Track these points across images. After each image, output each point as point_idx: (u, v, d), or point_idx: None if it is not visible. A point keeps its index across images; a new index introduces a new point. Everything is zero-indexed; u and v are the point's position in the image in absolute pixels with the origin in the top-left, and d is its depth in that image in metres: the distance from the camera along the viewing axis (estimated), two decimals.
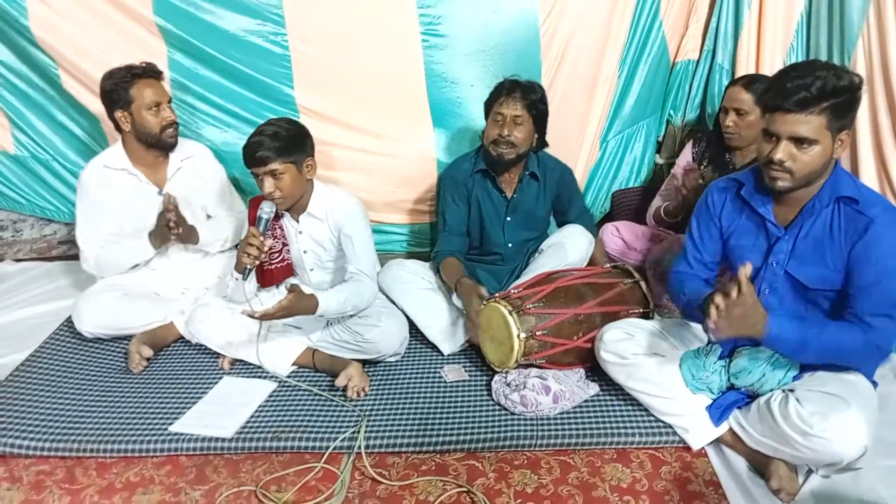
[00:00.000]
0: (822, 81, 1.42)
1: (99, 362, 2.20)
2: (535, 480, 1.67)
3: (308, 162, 2.01)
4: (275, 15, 2.45)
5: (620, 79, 2.76)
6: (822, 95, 1.43)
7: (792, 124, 1.47)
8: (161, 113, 2.22)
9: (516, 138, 2.17)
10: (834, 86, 1.43)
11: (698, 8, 2.74)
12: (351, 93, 2.56)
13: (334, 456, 1.77)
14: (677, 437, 1.77)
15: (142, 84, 2.18)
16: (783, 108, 1.47)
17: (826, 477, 1.60)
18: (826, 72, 1.44)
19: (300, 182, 2.01)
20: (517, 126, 2.16)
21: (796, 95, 1.44)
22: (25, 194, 2.94)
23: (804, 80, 1.44)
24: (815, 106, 1.44)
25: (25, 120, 2.76)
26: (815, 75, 1.43)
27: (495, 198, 2.33)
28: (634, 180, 2.96)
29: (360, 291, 2.03)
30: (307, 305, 1.90)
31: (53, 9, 2.46)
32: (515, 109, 2.15)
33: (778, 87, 1.48)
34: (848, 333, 1.54)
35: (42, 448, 1.80)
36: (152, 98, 2.19)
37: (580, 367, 2.01)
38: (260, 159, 1.92)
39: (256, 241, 1.93)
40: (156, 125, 2.21)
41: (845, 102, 1.45)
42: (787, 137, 1.48)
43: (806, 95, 1.43)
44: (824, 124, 1.46)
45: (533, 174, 2.32)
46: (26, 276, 2.84)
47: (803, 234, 1.60)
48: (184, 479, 1.72)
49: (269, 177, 1.94)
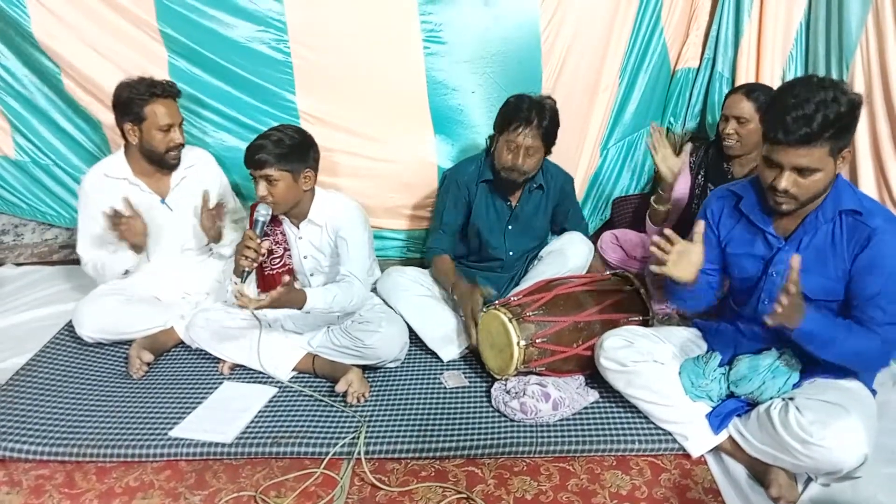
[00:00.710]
0: (824, 115, 1.39)
1: (99, 367, 2.20)
2: (535, 487, 1.67)
3: (306, 173, 2.02)
4: (277, 21, 2.46)
5: (621, 86, 2.77)
6: (824, 129, 1.40)
7: (795, 157, 1.45)
8: (170, 134, 2.21)
9: (529, 167, 2.17)
10: (836, 114, 1.40)
11: (699, 16, 2.76)
12: (352, 99, 2.57)
13: (334, 461, 1.77)
14: (677, 444, 1.77)
15: (158, 103, 2.17)
16: (785, 143, 1.44)
17: (826, 485, 1.60)
18: (826, 96, 1.40)
19: (294, 191, 2.01)
20: (530, 157, 2.14)
21: (799, 132, 1.41)
22: (26, 199, 2.95)
23: (805, 110, 1.40)
24: (817, 140, 1.42)
25: (27, 124, 2.76)
26: (816, 105, 1.39)
27: (499, 207, 2.33)
28: (635, 188, 2.97)
29: (349, 294, 2.03)
30: (295, 298, 1.91)
31: (55, 14, 2.46)
32: (529, 139, 2.11)
33: (778, 119, 1.44)
34: (869, 340, 1.54)
35: (42, 452, 1.80)
36: (166, 120, 2.18)
37: (580, 374, 2.01)
38: (257, 162, 1.94)
39: (253, 244, 1.94)
40: (162, 146, 2.21)
41: (845, 125, 1.43)
42: (791, 168, 1.48)
43: (808, 132, 1.41)
44: (826, 153, 1.44)
45: (539, 186, 2.32)
46: (27, 280, 2.84)
47: (804, 245, 1.61)
48: (183, 484, 1.72)
49: (264, 181, 1.96)
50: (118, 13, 2.47)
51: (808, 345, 1.56)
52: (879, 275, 1.52)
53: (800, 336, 1.54)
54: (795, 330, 1.51)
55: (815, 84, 1.44)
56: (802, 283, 1.60)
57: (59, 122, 2.76)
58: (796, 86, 1.46)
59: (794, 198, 1.52)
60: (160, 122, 2.18)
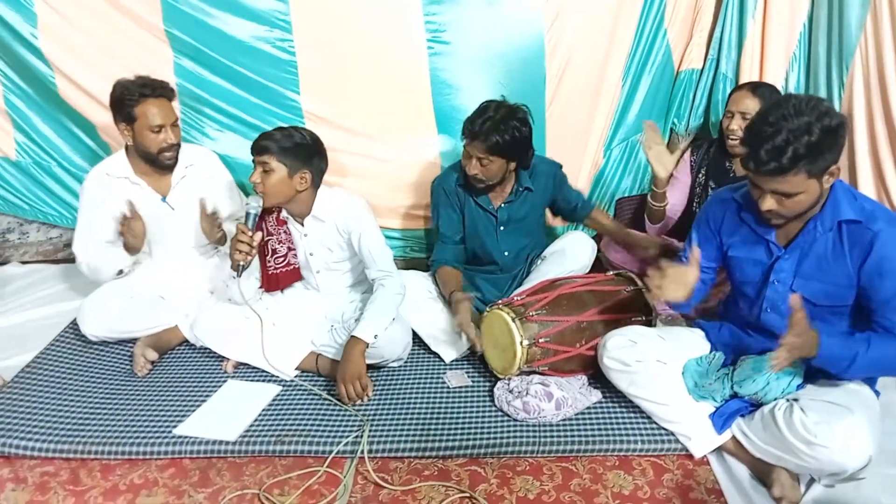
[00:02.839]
0: (794, 148, 1.38)
1: (104, 365, 2.21)
2: (538, 487, 1.67)
3: (303, 174, 2.02)
4: (282, 21, 2.47)
5: (625, 87, 2.77)
6: (794, 161, 1.40)
7: (772, 184, 1.46)
8: (161, 135, 2.19)
9: (484, 175, 2.14)
10: (807, 145, 1.38)
11: (702, 17, 2.75)
12: (356, 99, 2.58)
13: (337, 460, 1.78)
14: (679, 444, 1.77)
15: (149, 103, 2.15)
16: (759, 174, 1.45)
17: (829, 486, 1.60)
18: (798, 123, 1.38)
19: (286, 187, 2.01)
20: (484, 167, 2.12)
21: (769, 166, 1.41)
22: (28, 199, 2.95)
23: (775, 142, 1.39)
24: (788, 171, 1.41)
25: (29, 125, 2.77)
26: (787, 136, 1.38)
27: (483, 212, 2.32)
28: (638, 188, 2.97)
29: (390, 293, 2.07)
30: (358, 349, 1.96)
31: (62, 15, 2.48)
32: (479, 152, 2.09)
33: (752, 150, 1.44)
34: (892, 346, 1.54)
35: (47, 449, 1.81)
36: (157, 121, 2.16)
37: (583, 374, 2.02)
38: (259, 147, 1.98)
39: (245, 237, 1.96)
40: (154, 146, 2.19)
41: (823, 150, 1.41)
42: (770, 192, 1.49)
43: (777, 166, 1.41)
44: (804, 178, 1.43)
45: (527, 188, 2.29)
46: (32, 278, 2.86)
47: (804, 252, 1.61)
48: (187, 481, 1.73)
49: (260, 167, 1.98)
50: (124, 14, 2.48)
51: (833, 368, 1.56)
52: (890, 277, 1.52)
53: (820, 363, 1.54)
54: (814, 359, 1.52)
55: (793, 109, 1.40)
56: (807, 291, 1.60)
57: (61, 123, 2.77)
58: (772, 111, 1.43)
59: (780, 215, 1.54)
60: (150, 122, 2.16)
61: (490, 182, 2.18)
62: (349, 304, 2.27)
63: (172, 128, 2.22)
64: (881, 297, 1.54)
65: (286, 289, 2.26)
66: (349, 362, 1.94)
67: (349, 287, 2.32)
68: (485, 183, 2.18)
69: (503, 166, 2.15)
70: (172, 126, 2.22)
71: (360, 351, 1.96)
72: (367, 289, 2.31)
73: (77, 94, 2.60)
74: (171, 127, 2.21)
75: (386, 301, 2.05)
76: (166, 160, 2.25)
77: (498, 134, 2.05)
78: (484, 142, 2.06)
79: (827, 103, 1.44)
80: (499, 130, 2.05)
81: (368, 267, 2.14)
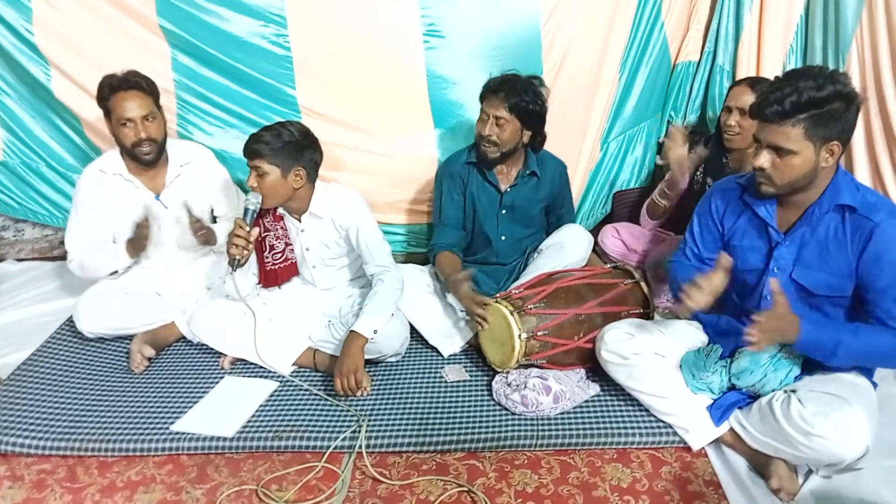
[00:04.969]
0: (798, 94, 1.44)
1: (101, 362, 2.20)
2: (536, 480, 1.67)
3: (297, 171, 2.01)
4: (277, 16, 2.46)
5: (622, 80, 2.76)
6: (796, 108, 1.44)
7: (769, 134, 1.50)
8: (132, 128, 2.14)
9: (499, 138, 2.15)
10: (810, 98, 1.43)
11: (699, 10, 2.75)
12: (352, 93, 2.57)
13: (335, 455, 1.77)
14: (677, 437, 1.77)
15: (120, 97, 2.12)
16: (763, 118, 1.50)
17: (827, 477, 1.60)
18: (809, 81, 1.44)
19: (283, 187, 2.01)
20: (499, 127, 2.14)
21: (772, 107, 1.47)
22: (17, 198, 2.91)
23: (783, 90, 1.46)
24: (790, 118, 1.46)
25: (17, 124, 2.73)
26: (797, 86, 1.44)
27: (489, 191, 2.33)
28: (635, 182, 2.97)
29: (390, 289, 2.07)
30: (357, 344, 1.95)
31: (58, 9, 2.46)
32: (498, 110, 2.12)
33: (762, 97, 1.50)
34: (882, 336, 1.55)
35: (44, 447, 1.80)
36: (125, 113, 2.12)
37: (581, 367, 2.01)
38: (250, 151, 1.98)
39: (242, 232, 1.96)
40: (126, 140, 2.17)
41: (827, 113, 1.45)
42: (767, 145, 1.51)
43: (778, 109, 1.46)
44: (802, 135, 1.47)
45: (533, 172, 2.31)
46: (28, 275, 2.85)
47: (806, 240, 1.61)
48: (185, 478, 1.73)
49: (254, 171, 1.98)
50: (121, 10, 2.46)
51: (816, 354, 1.57)
52: (888, 267, 1.52)
53: (803, 348, 1.56)
54: (795, 343, 1.54)
55: (812, 72, 1.48)
56: (806, 280, 1.60)
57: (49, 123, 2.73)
58: (796, 70, 1.52)
59: (770, 179, 1.55)
60: (118, 114, 2.14)
61: (502, 149, 2.18)
62: (347, 300, 2.27)
63: (145, 121, 2.16)
64: (877, 288, 1.55)
65: (284, 284, 2.24)
66: (347, 357, 1.94)
67: (346, 282, 2.32)
68: (497, 148, 2.18)
69: (517, 133, 2.17)
70: (145, 119, 2.16)
71: (359, 346, 1.96)
72: (364, 284, 2.30)
73: (72, 89, 2.57)
74: (142, 121, 2.15)
75: (385, 296, 2.05)
76: (142, 154, 2.20)
77: (519, 94, 2.10)
78: (505, 98, 2.10)
79: (848, 78, 1.48)
80: (520, 90, 2.10)
81: (367, 262, 2.14)
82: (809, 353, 1.59)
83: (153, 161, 2.24)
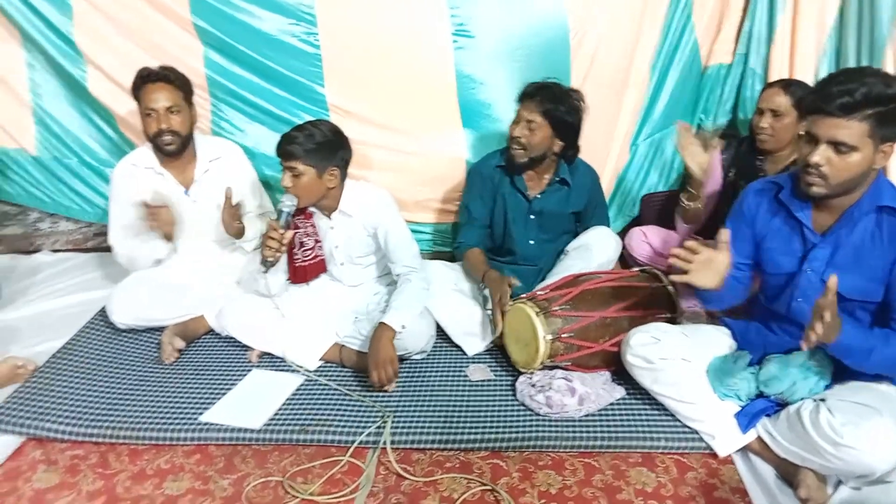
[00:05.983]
0: (868, 88, 1.40)
1: (132, 352, 2.25)
2: (559, 481, 1.67)
3: (331, 171, 2.03)
4: (307, 14, 2.49)
5: (651, 82, 2.74)
6: (865, 101, 1.40)
7: (832, 128, 1.45)
8: (155, 119, 2.19)
9: (528, 141, 2.16)
10: (880, 93, 1.40)
11: (731, 11, 2.71)
12: (381, 92, 2.59)
13: (360, 450, 1.79)
14: (704, 443, 1.75)
15: (149, 88, 2.19)
16: (825, 112, 1.45)
17: (856, 489, 1.57)
18: (875, 78, 1.42)
19: (318, 186, 2.03)
20: (530, 130, 2.14)
21: (839, 100, 1.42)
22: (50, 193, 2.98)
23: (850, 84, 1.42)
24: (858, 112, 1.41)
25: (52, 119, 2.79)
26: (863, 81, 1.41)
27: (517, 197, 2.33)
28: (663, 185, 2.93)
29: (417, 288, 2.09)
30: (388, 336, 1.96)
31: (97, 7, 2.52)
32: (532, 113, 2.13)
33: (823, 91, 1.46)
34: None
35: (77, 433, 1.85)
36: (148, 103, 2.19)
37: (606, 370, 2.01)
38: (285, 153, 1.98)
39: (276, 235, 1.98)
40: (149, 129, 2.22)
41: (892, 112, 1.42)
42: (827, 141, 1.46)
43: (848, 100, 1.41)
44: (866, 132, 1.43)
45: (563, 180, 2.30)
46: (63, 266, 2.91)
47: (842, 242, 1.58)
48: (213, 467, 1.76)
49: (289, 172, 2.00)
50: (155, 7, 2.51)
51: (846, 358, 1.54)
52: None
53: (836, 350, 1.52)
54: (832, 345, 1.49)
55: (870, 71, 1.47)
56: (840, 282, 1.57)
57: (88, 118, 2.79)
58: (851, 68, 1.51)
59: (825, 177, 1.49)
60: (144, 105, 2.20)
61: (530, 154, 2.18)
62: (374, 297, 2.29)
63: (169, 113, 2.20)
64: None
65: (312, 280, 2.27)
66: (380, 348, 1.94)
67: (373, 279, 2.33)
68: (525, 152, 2.18)
69: (547, 139, 2.17)
70: (168, 111, 2.20)
71: (389, 337, 1.96)
72: (391, 282, 2.32)
73: (107, 85, 2.63)
74: (166, 112, 2.19)
75: (413, 294, 2.07)
76: (164, 145, 2.23)
77: (554, 101, 2.12)
78: (540, 103, 2.12)
79: None
80: (557, 98, 2.13)
81: (394, 262, 2.15)
82: (842, 356, 1.55)
83: (175, 152, 2.28)
